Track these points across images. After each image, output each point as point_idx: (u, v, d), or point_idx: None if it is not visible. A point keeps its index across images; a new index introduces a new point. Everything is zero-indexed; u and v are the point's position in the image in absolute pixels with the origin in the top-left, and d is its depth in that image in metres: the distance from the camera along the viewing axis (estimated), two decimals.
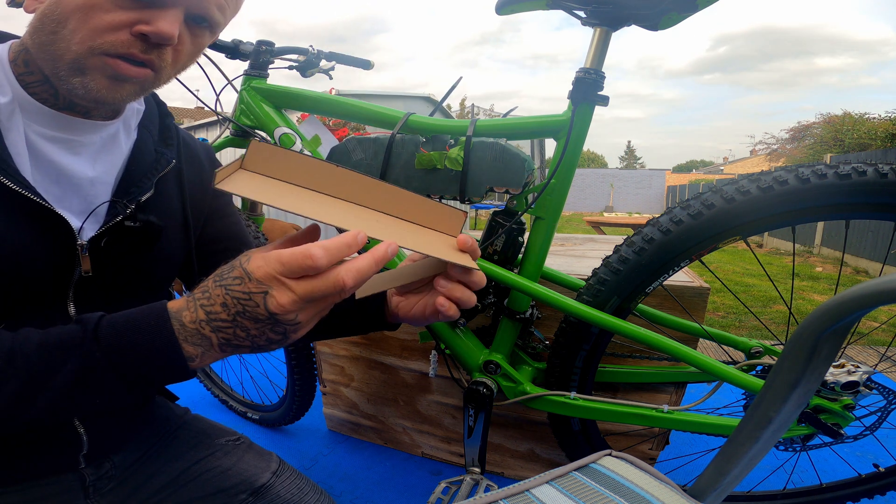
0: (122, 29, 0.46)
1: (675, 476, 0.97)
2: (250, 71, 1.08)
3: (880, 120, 10.00)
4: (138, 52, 0.47)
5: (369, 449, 1.39)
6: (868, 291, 0.34)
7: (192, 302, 0.43)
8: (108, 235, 0.53)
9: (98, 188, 0.54)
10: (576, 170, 0.86)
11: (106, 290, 0.56)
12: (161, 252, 0.61)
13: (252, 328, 0.41)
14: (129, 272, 0.58)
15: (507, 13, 0.85)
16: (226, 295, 0.41)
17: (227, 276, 0.42)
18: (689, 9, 0.73)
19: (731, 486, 0.49)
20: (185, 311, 0.42)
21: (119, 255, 0.56)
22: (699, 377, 0.97)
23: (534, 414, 1.13)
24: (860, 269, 5.95)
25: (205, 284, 0.43)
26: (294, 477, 0.69)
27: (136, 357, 0.41)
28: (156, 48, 0.48)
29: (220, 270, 0.43)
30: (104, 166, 0.55)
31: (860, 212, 0.70)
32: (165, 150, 0.62)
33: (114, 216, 0.54)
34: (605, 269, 0.83)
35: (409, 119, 0.92)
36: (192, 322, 0.42)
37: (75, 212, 0.53)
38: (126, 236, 0.55)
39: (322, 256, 0.39)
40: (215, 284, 0.42)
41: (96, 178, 0.54)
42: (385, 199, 0.51)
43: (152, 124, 0.62)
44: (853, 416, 0.79)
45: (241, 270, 0.41)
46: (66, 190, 0.52)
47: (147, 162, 0.59)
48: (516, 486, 0.44)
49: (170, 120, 0.65)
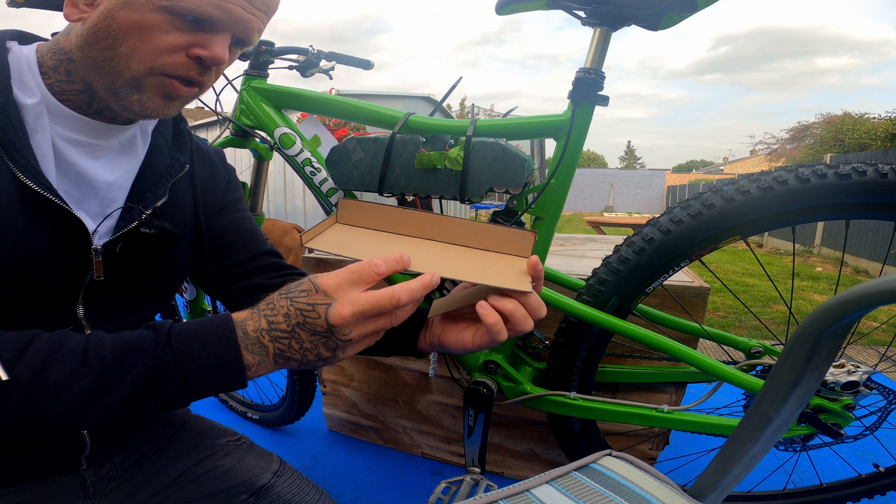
0: (179, 51, 0.48)
1: (675, 476, 0.97)
2: (250, 71, 1.08)
3: (880, 120, 10.00)
4: (195, 75, 0.50)
5: (369, 449, 1.39)
6: (868, 291, 0.34)
7: (256, 312, 0.45)
8: (123, 241, 0.54)
9: (115, 192, 0.55)
10: (576, 170, 0.86)
11: (116, 295, 0.56)
12: (173, 258, 0.61)
13: (307, 340, 0.44)
14: (141, 277, 0.59)
15: (507, 13, 0.85)
16: (290, 306, 0.44)
17: (295, 290, 0.45)
18: (689, 9, 0.73)
19: (731, 486, 0.49)
20: (249, 321, 0.45)
21: (132, 261, 0.56)
22: (699, 377, 0.97)
23: (534, 414, 1.13)
24: (860, 269, 5.95)
25: (271, 297, 0.46)
26: (294, 477, 0.69)
27: (203, 362, 0.43)
28: (207, 70, 0.51)
29: (287, 286, 0.46)
30: (122, 170, 0.56)
31: (860, 212, 0.70)
32: (179, 154, 0.62)
33: (129, 221, 0.54)
34: (605, 269, 0.83)
35: (409, 119, 0.92)
36: (254, 331, 0.44)
37: (92, 215, 0.53)
38: (140, 242, 0.55)
39: (384, 268, 0.44)
40: (281, 297, 0.45)
41: (114, 182, 0.55)
42: (459, 231, 0.57)
43: (166, 129, 0.63)
44: (853, 416, 0.79)
45: (310, 283, 0.44)
46: (85, 193, 0.52)
47: (162, 167, 0.60)
48: (516, 486, 0.44)
49: (183, 125, 0.65)
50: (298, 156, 1.01)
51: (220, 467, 0.66)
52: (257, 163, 1.28)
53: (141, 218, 0.54)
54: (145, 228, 0.55)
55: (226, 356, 0.43)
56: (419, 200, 0.97)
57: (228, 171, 0.73)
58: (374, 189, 0.92)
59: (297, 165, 1.02)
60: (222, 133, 1.14)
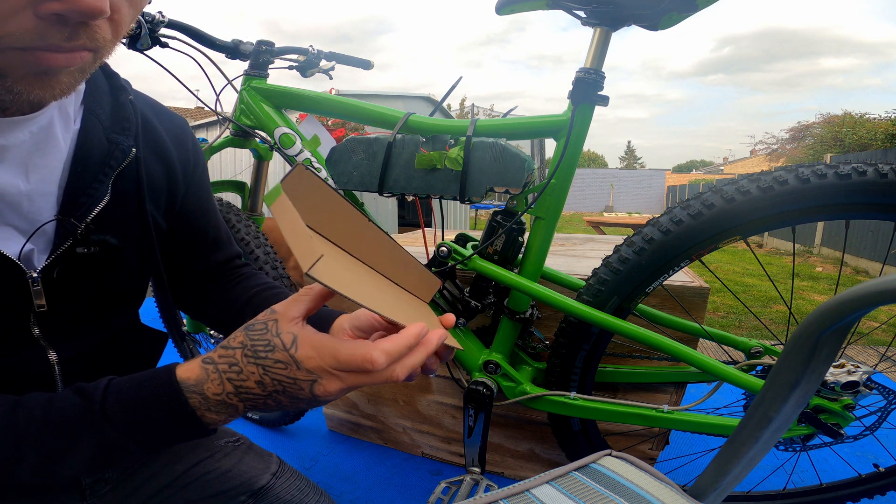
0: (20, 12, 0.32)
1: (675, 476, 0.96)
2: (250, 71, 1.09)
3: (880, 120, 10.01)
4: (62, 42, 0.34)
5: (369, 449, 1.39)
6: (868, 291, 0.34)
7: (214, 373, 0.40)
8: (60, 264, 0.45)
9: (38, 202, 0.44)
10: (576, 170, 0.86)
11: (71, 315, 0.49)
12: (126, 269, 0.52)
13: (286, 401, 0.40)
14: (91, 298, 0.50)
15: (507, 13, 0.85)
16: (264, 375, 0.39)
17: (267, 357, 0.39)
18: (689, 9, 0.73)
19: (731, 486, 0.49)
20: (208, 384, 0.40)
21: (76, 283, 0.47)
22: (699, 377, 0.97)
23: (534, 414, 1.12)
24: (860, 269, 5.95)
25: (230, 355, 0.40)
26: (294, 478, 0.69)
27: (154, 429, 0.40)
28: (83, 28, 0.35)
29: (247, 339, 0.40)
30: (40, 173, 0.44)
31: (860, 212, 0.69)
32: (121, 137, 0.49)
33: (63, 238, 0.45)
34: (605, 269, 0.83)
35: (409, 119, 0.92)
36: (216, 395, 0.40)
37: (16, 236, 0.43)
38: (81, 261, 0.47)
39: (383, 363, 0.38)
40: (248, 361, 0.39)
41: (33, 190, 0.43)
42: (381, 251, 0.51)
43: (99, 105, 0.49)
44: (853, 416, 0.79)
45: (288, 356, 0.38)
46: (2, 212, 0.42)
47: (97, 157, 0.47)
48: (516, 486, 0.44)
49: (124, 96, 0.52)
50: (298, 156, 1.02)
51: (219, 468, 0.66)
52: (257, 163, 1.28)
53: (76, 235, 0.45)
54: (81, 248, 0.46)
55: (183, 422, 0.40)
56: (419, 200, 0.97)
57: (193, 143, 0.62)
58: (374, 189, 0.92)
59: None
60: (222, 133, 1.14)
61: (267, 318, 0.41)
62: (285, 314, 0.41)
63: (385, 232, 0.51)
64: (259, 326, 0.41)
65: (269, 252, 1.19)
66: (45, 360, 0.48)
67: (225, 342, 0.41)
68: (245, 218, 1.20)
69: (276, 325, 0.40)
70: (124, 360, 0.59)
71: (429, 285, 0.56)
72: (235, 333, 0.42)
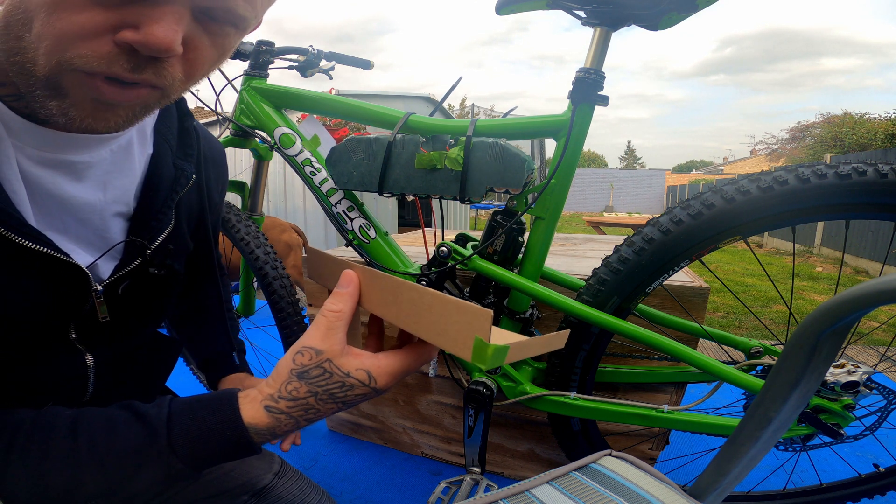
0: (100, 36, 0.32)
1: (675, 476, 0.97)
2: (250, 71, 1.08)
3: (880, 120, 10.01)
4: (126, 73, 0.34)
5: (369, 449, 1.39)
6: (868, 291, 0.34)
7: (288, 419, 0.41)
8: (127, 280, 0.47)
9: (108, 220, 0.46)
10: (576, 170, 0.86)
11: (112, 327, 0.51)
12: (179, 289, 0.56)
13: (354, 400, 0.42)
14: (143, 313, 0.53)
15: (507, 13, 0.85)
16: (342, 405, 0.41)
17: (347, 395, 0.40)
18: (690, 9, 0.73)
19: (731, 486, 0.49)
20: (280, 426, 0.41)
21: (137, 299, 0.50)
22: (699, 377, 0.97)
23: (534, 414, 1.13)
24: (860, 269, 5.95)
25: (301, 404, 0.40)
26: (295, 478, 0.69)
27: (218, 460, 0.41)
28: (151, 63, 0.34)
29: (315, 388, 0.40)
30: (116, 192, 0.45)
31: (860, 212, 0.69)
32: (185, 163, 0.51)
33: (132, 257, 0.47)
34: (605, 269, 0.83)
35: (409, 119, 0.92)
36: (287, 431, 0.42)
37: (86, 248, 0.45)
38: (145, 280, 0.49)
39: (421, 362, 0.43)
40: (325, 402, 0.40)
41: (108, 205, 0.45)
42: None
43: (169, 130, 0.51)
44: (853, 416, 0.79)
45: (369, 390, 0.40)
46: (69, 224, 0.43)
47: (166, 183, 0.49)
48: (516, 486, 0.44)
49: (189, 121, 0.54)
50: (298, 156, 1.02)
51: (222, 468, 0.66)
52: (257, 163, 1.28)
53: (146, 255, 0.47)
54: (153, 269, 0.48)
55: (243, 454, 0.41)
56: (419, 200, 0.98)
57: (226, 169, 0.66)
58: (374, 189, 0.92)
59: (297, 165, 1.02)
60: (222, 133, 1.14)
61: (318, 362, 0.40)
62: (333, 350, 0.40)
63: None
64: (317, 372, 0.40)
65: (269, 252, 1.19)
66: (83, 363, 0.50)
67: (284, 393, 0.41)
68: (245, 218, 1.20)
69: (332, 365, 0.40)
70: (147, 362, 0.61)
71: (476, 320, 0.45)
72: (294, 384, 0.40)
